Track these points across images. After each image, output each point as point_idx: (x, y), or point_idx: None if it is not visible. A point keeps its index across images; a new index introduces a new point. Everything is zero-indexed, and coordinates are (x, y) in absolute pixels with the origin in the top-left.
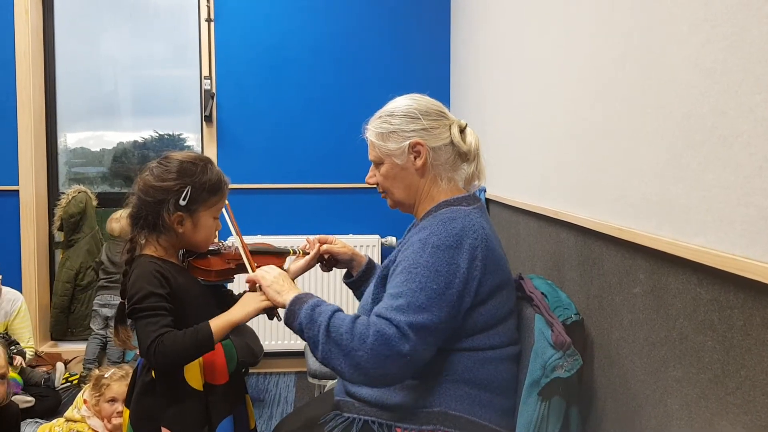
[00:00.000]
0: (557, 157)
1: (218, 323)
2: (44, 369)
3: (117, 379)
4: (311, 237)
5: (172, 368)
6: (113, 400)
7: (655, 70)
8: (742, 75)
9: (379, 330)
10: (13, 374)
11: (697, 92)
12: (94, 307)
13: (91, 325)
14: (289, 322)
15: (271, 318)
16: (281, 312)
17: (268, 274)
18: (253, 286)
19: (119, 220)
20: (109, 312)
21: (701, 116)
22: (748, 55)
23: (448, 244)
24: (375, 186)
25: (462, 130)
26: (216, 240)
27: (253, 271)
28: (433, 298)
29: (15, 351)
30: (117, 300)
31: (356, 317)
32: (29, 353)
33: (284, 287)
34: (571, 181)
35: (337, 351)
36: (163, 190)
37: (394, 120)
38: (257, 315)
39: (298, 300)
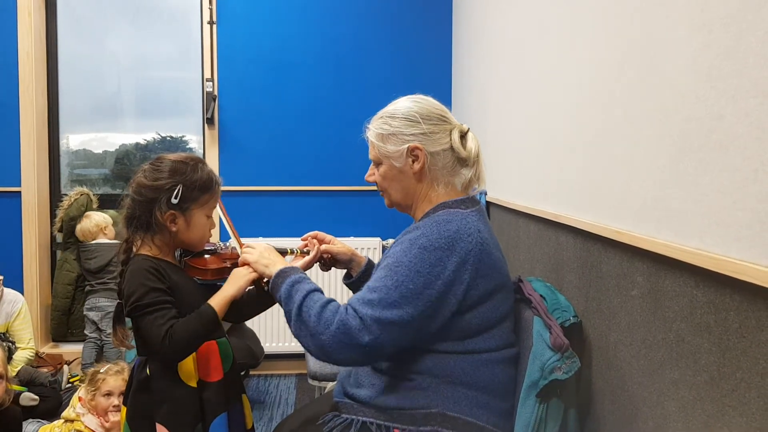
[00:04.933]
0: (557, 161)
1: (217, 301)
2: (46, 370)
3: (113, 374)
4: (309, 233)
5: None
6: (109, 393)
7: (654, 75)
8: (738, 79)
9: (343, 320)
10: (17, 387)
11: (694, 97)
12: (84, 312)
13: (85, 331)
14: (273, 293)
15: (259, 289)
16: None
17: (253, 249)
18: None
19: (89, 217)
20: (95, 316)
21: (698, 120)
22: (743, 59)
23: (438, 245)
24: (374, 184)
25: (463, 135)
26: (216, 241)
27: (242, 247)
28: (407, 297)
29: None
30: (102, 303)
31: (328, 302)
32: (29, 354)
33: (271, 259)
34: (571, 185)
35: (305, 330)
36: (155, 189)
37: (394, 122)
38: (249, 286)
39: (282, 273)
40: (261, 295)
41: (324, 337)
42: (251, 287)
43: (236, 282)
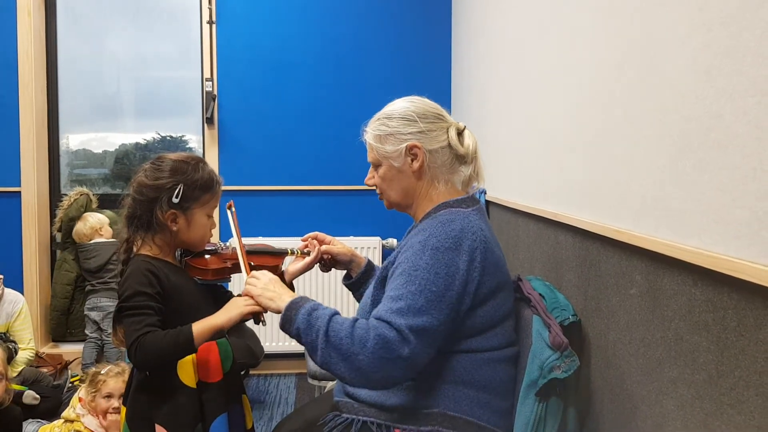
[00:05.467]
0: (557, 160)
1: (200, 327)
2: (45, 370)
3: (113, 376)
4: (308, 234)
5: (152, 368)
6: (109, 395)
7: (653, 74)
8: (736, 78)
9: (380, 334)
10: (17, 387)
11: (693, 96)
12: (85, 312)
13: (86, 330)
14: (285, 328)
15: (257, 323)
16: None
17: (257, 281)
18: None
19: (85, 219)
20: (97, 315)
21: (697, 119)
22: (742, 58)
23: (447, 245)
24: (374, 187)
25: (460, 133)
26: (216, 241)
27: (248, 274)
28: (433, 301)
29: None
30: (104, 302)
31: (355, 320)
32: (29, 355)
33: (276, 293)
34: (570, 184)
35: (337, 355)
36: (156, 189)
37: (391, 123)
38: (241, 320)
39: (294, 305)
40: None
41: (361, 357)
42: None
43: (229, 313)
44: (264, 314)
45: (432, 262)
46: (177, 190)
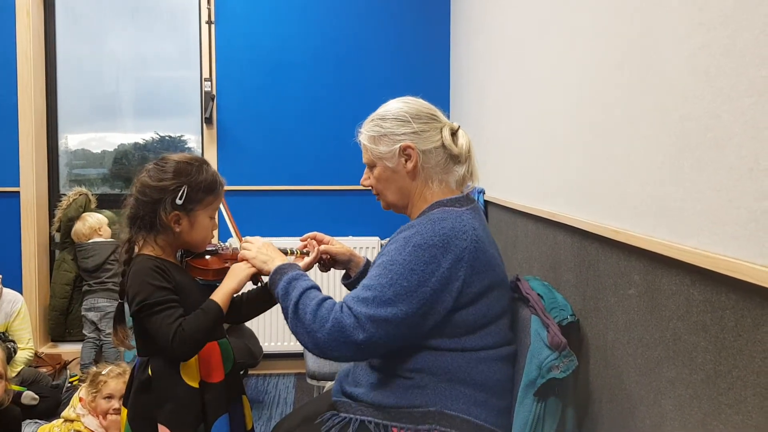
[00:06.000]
0: (555, 160)
1: (219, 296)
2: (44, 370)
3: (114, 377)
4: (307, 234)
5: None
6: (110, 396)
7: (652, 74)
8: (735, 78)
9: (338, 318)
10: (16, 387)
11: (692, 96)
12: (82, 312)
13: (84, 331)
14: (271, 289)
15: (255, 283)
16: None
17: (251, 245)
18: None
19: (83, 219)
20: (94, 316)
21: (696, 119)
22: (741, 58)
23: (432, 243)
24: (370, 188)
25: (454, 133)
26: (216, 241)
27: (240, 240)
28: (401, 294)
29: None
30: (101, 303)
31: (324, 300)
32: (28, 354)
33: (269, 256)
34: (569, 184)
35: (301, 327)
36: (159, 190)
37: (385, 123)
38: (248, 280)
39: (280, 269)
40: (260, 295)
41: (319, 335)
42: (252, 282)
43: (236, 276)
44: (261, 276)
45: (410, 259)
46: (181, 191)
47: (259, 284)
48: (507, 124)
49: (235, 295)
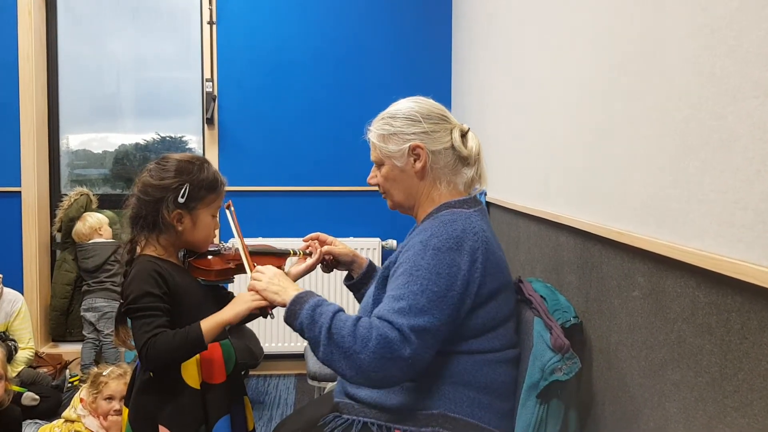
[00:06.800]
0: (558, 161)
1: (208, 324)
2: (45, 370)
3: (115, 377)
4: (310, 235)
5: (164, 369)
6: (110, 397)
7: (655, 75)
8: (740, 79)
9: (382, 333)
10: (16, 388)
11: (696, 97)
12: (81, 313)
13: (83, 331)
14: (289, 322)
15: (264, 317)
16: (280, 310)
17: (262, 275)
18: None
19: (84, 219)
20: (93, 316)
21: (700, 120)
22: (745, 59)
23: (449, 245)
24: (377, 186)
25: (464, 135)
26: (217, 241)
27: (252, 270)
28: (434, 301)
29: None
30: (99, 303)
31: (358, 319)
32: (29, 354)
33: (281, 286)
34: (572, 185)
35: (339, 353)
36: (161, 189)
37: (395, 122)
38: (248, 314)
39: (299, 299)
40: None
41: (362, 356)
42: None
43: (236, 308)
44: (272, 308)
45: (434, 262)
46: (183, 189)
47: (270, 317)
48: (508, 124)
49: (235, 295)
